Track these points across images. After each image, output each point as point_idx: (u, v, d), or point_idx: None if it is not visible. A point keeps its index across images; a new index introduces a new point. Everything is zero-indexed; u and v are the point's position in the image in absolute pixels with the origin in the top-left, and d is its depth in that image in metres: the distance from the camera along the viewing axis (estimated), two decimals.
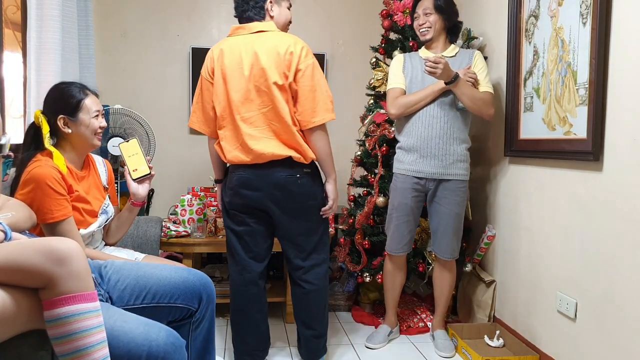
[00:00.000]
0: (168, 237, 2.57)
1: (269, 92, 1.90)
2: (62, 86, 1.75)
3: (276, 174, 1.95)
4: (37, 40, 2.27)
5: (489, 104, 2.28)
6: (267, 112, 1.92)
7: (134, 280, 1.49)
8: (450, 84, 2.17)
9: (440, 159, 2.30)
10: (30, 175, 1.58)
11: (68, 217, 1.63)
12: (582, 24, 1.88)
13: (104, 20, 3.28)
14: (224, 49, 1.97)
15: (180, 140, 3.42)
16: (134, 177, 1.87)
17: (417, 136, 2.32)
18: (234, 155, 1.97)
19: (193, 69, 3.32)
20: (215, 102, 1.99)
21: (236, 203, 2.03)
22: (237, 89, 1.93)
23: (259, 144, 1.92)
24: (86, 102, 1.72)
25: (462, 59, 2.36)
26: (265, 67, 1.89)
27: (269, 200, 1.98)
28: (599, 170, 1.84)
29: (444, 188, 2.33)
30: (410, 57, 2.44)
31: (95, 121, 1.73)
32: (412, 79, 2.38)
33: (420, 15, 2.34)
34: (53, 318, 1.07)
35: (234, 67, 1.93)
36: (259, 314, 2.13)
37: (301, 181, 1.98)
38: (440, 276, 2.47)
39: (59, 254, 1.07)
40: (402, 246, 2.42)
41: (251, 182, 1.97)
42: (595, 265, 1.86)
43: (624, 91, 1.71)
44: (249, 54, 1.92)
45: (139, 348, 1.21)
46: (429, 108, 2.30)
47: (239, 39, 1.98)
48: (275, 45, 1.91)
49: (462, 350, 2.33)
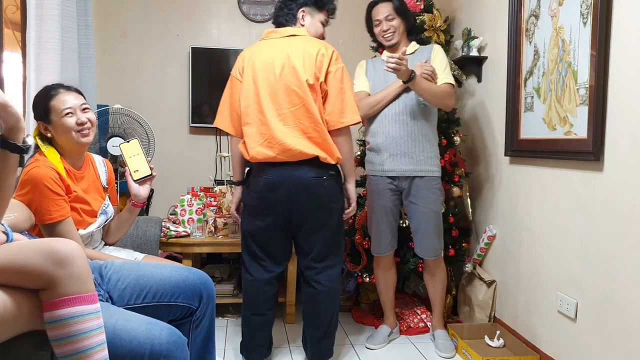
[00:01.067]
0: (168, 237, 2.57)
1: (299, 91, 1.94)
2: (39, 92, 1.74)
3: (303, 174, 1.96)
4: (37, 40, 2.27)
5: (449, 96, 2.31)
6: (296, 110, 1.95)
7: (134, 279, 1.49)
8: (409, 82, 2.19)
9: (410, 156, 2.31)
10: (28, 175, 1.58)
11: (66, 217, 1.62)
12: (583, 24, 1.88)
13: (104, 20, 3.28)
14: (256, 50, 2.03)
15: (180, 140, 3.42)
16: (135, 178, 1.85)
17: (385, 135, 2.34)
18: (258, 151, 1.97)
19: (193, 69, 3.32)
20: (242, 98, 2.00)
21: (261, 206, 2.03)
22: (266, 87, 1.96)
23: (287, 138, 1.94)
24: (52, 103, 1.67)
25: (421, 55, 2.39)
26: (297, 67, 1.94)
27: (293, 200, 1.98)
28: (600, 170, 1.83)
29: (418, 186, 2.34)
30: (373, 62, 2.50)
31: (68, 119, 1.67)
32: (375, 82, 2.42)
33: (383, 21, 2.36)
34: (53, 319, 1.07)
35: (265, 67, 1.97)
36: (270, 311, 2.16)
37: (327, 183, 2.00)
38: (430, 276, 2.48)
39: (60, 255, 1.07)
40: (386, 245, 2.44)
41: (277, 185, 1.97)
42: (596, 265, 1.86)
43: (624, 91, 1.71)
44: (281, 55, 1.97)
45: (142, 346, 1.21)
46: (394, 106, 2.33)
47: (271, 41, 2.04)
48: (307, 47, 1.97)
49: (463, 351, 2.33)
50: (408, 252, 2.64)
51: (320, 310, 2.12)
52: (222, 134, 3.37)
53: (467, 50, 2.76)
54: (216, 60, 3.36)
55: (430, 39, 2.69)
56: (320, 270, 2.09)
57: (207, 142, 3.44)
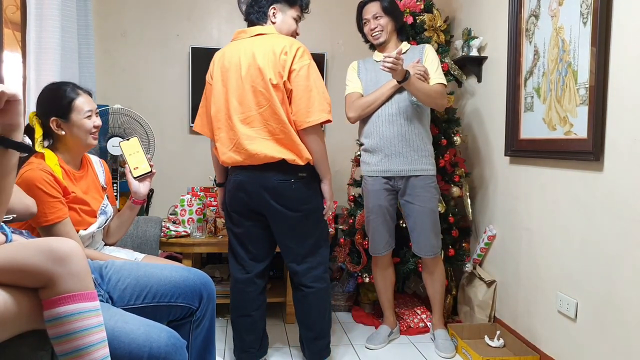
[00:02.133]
0: (168, 237, 2.57)
1: (265, 92, 1.91)
2: (53, 87, 1.73)
3: (269, 178, 1.96)
4: (37, 40, 2.27)
5: (442, 96, 2.33)
6: (263, 112, 1.93)
7: (135, 279, 1.49)
8: (404, 82, 2.18)
9: (405, 155, 2.32)
10: (22, 178, 1.57)
11: (63, 219, 1.62)
12: (583, 24, 1.88)
13: (104, 20, 3.28)
14: (225, 52, 2.02)
15: (180, 140, 3.42)
16: (135, 175, 1.86)
17: (380, 136, 2.34)
18: (228, 157, 2.00)
19: (193, 69, 3.32)
20: (212, 103, 2.01)
21: (234, 205, 2.06)
22: (234, 89, 1.95)
23: (253, 144, 1.93)
24: (77, 102, 1.69)
25: (412, 55, 2.40)
26: (262, 66, 1.90)
27: (262, 204, 1.99)
28: (600, 170, 1.83)
29: (414, 186, 2.34)
30: (365, 62, 2.50)
31: (88, 121, 1.71)
32: (367, 82, 2.42)
33: (371, 20, 2.39)
34: (53, 317, 1.06)
35: (232, 69, 1.96)
36: (257, 312, 2.14)
37: (295, 186, 1.98)
38: (429, 275, 2.49)
39: (59, 253, 1.07)
40: (383, 245, 2.44)
41: (245, 185, 1.99)
42: (596, 265, 1.86)
43: (624, 91, 1.71)
44: (247, 55, 1.94)
45: (140, 349, 1.21)
46: (388, 107, 2.33)
47: (240, 42, 2.02)
48: (271, 45, 1.93)
49: (462, 351, 2.33)
50: (407, 252, 2.64)
51: (311, 311, 2.12)
52: None
53: (467, 50, 2.76)
54: None
55: (431, 39, 2.69)
56: (304, 273, 2.08)
57: (207, 142, 3.36)
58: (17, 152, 1.11)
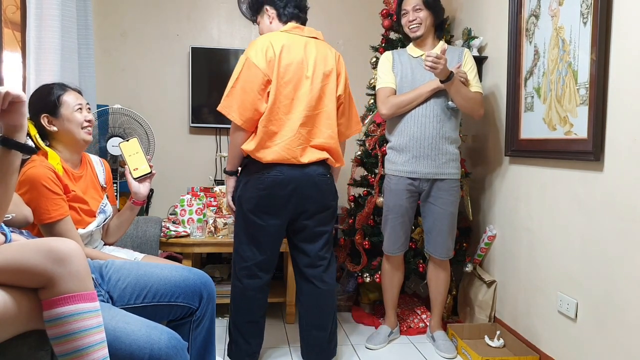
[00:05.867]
0: (167, 237, 2.56)
1: (324, 96, 2.00)
2: (41, 88, 1.76)
3: (313, 172, 1.99)
4: (37, 40, 2.26)
5: (480, 104, 2.30)
6: (319, 114, 2.00)
7: (135, 279, 1.49)
8: (447, 82, 2.16)
9: (433, 158, 2.30)
10: (26, 176, 1.57)
11: (65, 216, 1.62)
12: (583, 24, 1.88)
13: (104, 20, 3.28)
14: (285, 45, 1.94)
15: (179, 140, 3.42)
16: (135, 176, 1.86)
17: (410, 136, 2.31)
18: (274, 151, 1.93)
19: (193, 69, 3.32)
20: (272, 94, 1.91)
21: (264, 204, 1.97)
22: (299, 87, 1.96)
23: (304, 143, 1.98)
24: (65, 97, 1.72)
25: (451, 56, 2.34)
26: (325, 71, 2.00)
27: (302, 196, 1.98)
28: (600, 170, 1.83)
29: (438, 188, 2.33)
30: (399, 54, 2.43)
31: (78, 114, 1.72)
32: (402, 78, 2.37)
33: (410, 12, 2.33)
34: (52, 318, 1.07)
35: (298, 66, 1.95)
36: (263, 318, 2.16)
37: (330, 181, 2.08)
38: (436, 276, 2.47)
39: (59, 253, 1.07)
40: (398, 246, 2.43)
41: (287, 182, 1.96)
42: (596, 265, 1.86)
43: (624, 91, 1.71)
44: (311, 56, 1.99)
45: (141, 350, 1.21)
46: (421, 108, 2.30)
47: (298, 38, 2.00)
48: (326, 52, 2.04)
49: (462, 351, 2.33)
50: (409, 252, 2.64)
51: (325, 309, 2.12)
52: (222, 134, 3.38)
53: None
54: (216, 61, 3.36)
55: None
56: (326, 268, 2.10)
57: (207, 142, 3.44)
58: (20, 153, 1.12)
